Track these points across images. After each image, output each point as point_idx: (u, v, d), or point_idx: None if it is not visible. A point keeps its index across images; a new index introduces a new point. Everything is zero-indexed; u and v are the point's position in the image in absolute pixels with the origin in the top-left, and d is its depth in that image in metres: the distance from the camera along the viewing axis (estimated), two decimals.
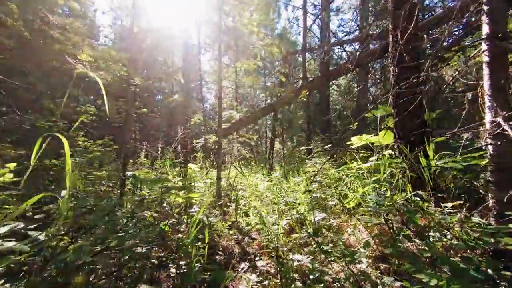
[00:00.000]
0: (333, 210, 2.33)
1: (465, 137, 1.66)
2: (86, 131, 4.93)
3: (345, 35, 8.37)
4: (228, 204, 4.02)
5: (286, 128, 15.72)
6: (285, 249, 1.89)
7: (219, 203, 3.99)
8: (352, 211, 1.89)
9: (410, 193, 1.60)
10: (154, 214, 2.85)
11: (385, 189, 1.80)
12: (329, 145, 4.91)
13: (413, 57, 1.92)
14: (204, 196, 4.35)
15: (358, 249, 1.84)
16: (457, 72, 2.01)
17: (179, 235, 2.21)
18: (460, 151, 1.69)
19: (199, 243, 2.00)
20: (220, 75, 4.44)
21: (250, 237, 2.68)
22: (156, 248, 2.00)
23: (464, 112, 1.59)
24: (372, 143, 2.92)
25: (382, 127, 2.47)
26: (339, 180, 2.56)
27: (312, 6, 9.31)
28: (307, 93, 6.17)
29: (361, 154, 2.69)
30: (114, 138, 6.07)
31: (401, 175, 1.75)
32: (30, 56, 3.45)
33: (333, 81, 16.13)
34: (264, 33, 5.03)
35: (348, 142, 2.48)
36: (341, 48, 8.06)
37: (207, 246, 1.61)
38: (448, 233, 1.16)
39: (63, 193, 1.06)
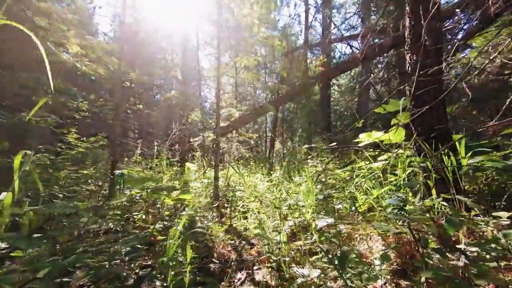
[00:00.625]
0: (340, 214, 2.09)
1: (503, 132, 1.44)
2: (79, 128, 4.69)
3: (349, 29, 8.11)
4: (226, 205, 3.78)
5: (286, 128, 15.52)
6: (287, 259, 1.65)
7: (216, 204, 3.76)
8: (363, 216, 1.66)
9: (434, 196, 1.37)
10: (144, 217, 2.62)
11: (403, 191, 1.57)
12: (332, 144, 4.69)
13: (434, 42, 1.69)
14: (201, 196, 4.12)
15: (371, 260, 1.60)
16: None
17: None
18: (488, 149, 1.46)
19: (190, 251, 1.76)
20: (219, 70, 4.21)
21: (248, 242, 2.44)
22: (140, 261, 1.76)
23: (508, 101, 1.35)
24: (381, 141, 2.69)
25: (392, 123, 2.23)
26: (347, 181, 2.33)
27: (314, 1, 9.09)
28: (317, 86, 5.94)
29: (369, 153, 2.45)
30: (109, 135, 5.84)
31: (422, 176, 1.52)
32: (12, 46, 3.22)
33: (334, 81, 15.92)
34: (265, 27, 4.79)
35: (356, 140, 2.25)
36: (345, 43, 7.81)
37: (188, 262, 1.37)
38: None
39: (2, 195, 0.82)
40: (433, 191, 1.40)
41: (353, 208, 1.68)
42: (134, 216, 2.16)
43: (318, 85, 5.52)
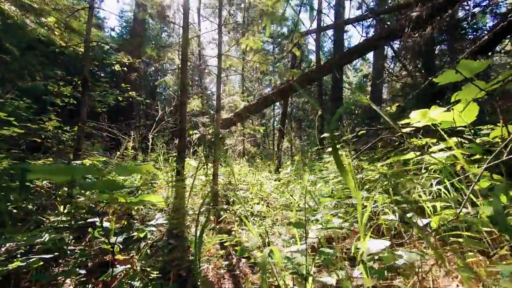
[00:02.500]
0: (387, 228, 1.44)
1: None
2: (60, 115, 4.15)
3: (364, 10, 7.32)
4: (225, 207, 3.18)
5: (294, 126, 14.80)
6: None
7: (213, 205, 3.15)
8: (443, 240, 1.01)
9: None
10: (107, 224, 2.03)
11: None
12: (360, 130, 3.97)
13: None
14: (196, 196, 3.52)
15: None
16: None
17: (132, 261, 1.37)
18: None
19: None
20: (220, 47, 3.59)
21: (249, 263, 1.81)
22: None
23: None
24: (434, 125, 2.01)
25: (453, 99, 1.56)
26: (397, 176, 1.66)
27: None
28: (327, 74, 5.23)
29: (418, 141, 1.77)
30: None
31: None
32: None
33: (345, 78, 15.10)
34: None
35: (403, 122, 1.58)
36: (358, 24, 7.04)
37: None
38: None
39: None
40: None
41: (418, 221, 1.03)
42: (96, 223, 1.55)
43: (332, 71, 4.80)
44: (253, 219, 2.76)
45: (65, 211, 1.48)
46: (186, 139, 4.96)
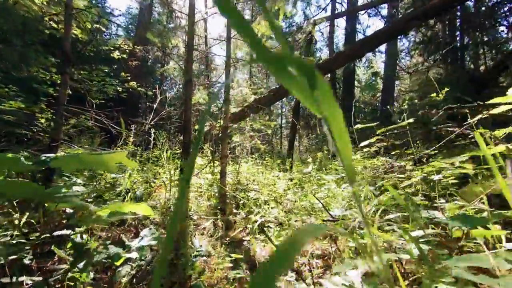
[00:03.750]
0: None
1: None
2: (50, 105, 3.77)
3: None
4: (235, 211, 2.77)
5: (303, 124, 14.31)
6: None
7: (221, 209, 2.75)
8: None
9: None
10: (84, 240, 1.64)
11: None
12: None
13: None
14: (202, 197, 3.11)
15: None
16: None
17: None
18: None
19: None
20: (229, 29, 3.17)
21: None
22: None
23: None
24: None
25: None
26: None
27: None
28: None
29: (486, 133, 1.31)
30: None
31: None
32: None
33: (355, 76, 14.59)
34: None
35: (493, 100, 1.13)
36: (374, 9, 6.49)
37: None
38: None
39: None
40: None
41: None
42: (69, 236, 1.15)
43: (351, 60, 4.31)
44: (269, 227, 2.34)
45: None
46: (191, 134, 4.56)
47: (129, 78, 4.08)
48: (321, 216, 2.26)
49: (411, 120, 1.68)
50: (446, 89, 2.15)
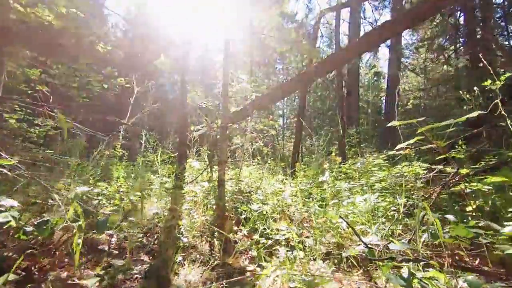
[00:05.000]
0: None
1: None
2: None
3: None
4: (235, 228, 2.30)
5: (305, 125, 13.86)
6: None
7: (219, 225, 2.28)
8: None
9: None
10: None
11: None
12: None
13: None
14: (199, 208, 2.64)
15: None
16: None
17: None
18: None
19: None
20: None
21: None
22: None
23: None
24: None
25: None
26: None
27: None
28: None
29: None
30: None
31: None
32: None
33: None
34: None
35: None
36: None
37: None
38: None
39: None
40: None
41: None
42: None
43: (367, 50, 3.81)
44: (278, 250, 1.88)
45: None
46: (187, 136, 4.10)
47: (115, 71, 3.63)
48: (345, 235, 1.79)
49: (478, 113, 1.22)
50: (505, 76, 1.68)
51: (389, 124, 1.61)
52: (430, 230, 1.04)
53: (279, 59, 14.01)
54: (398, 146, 1.59)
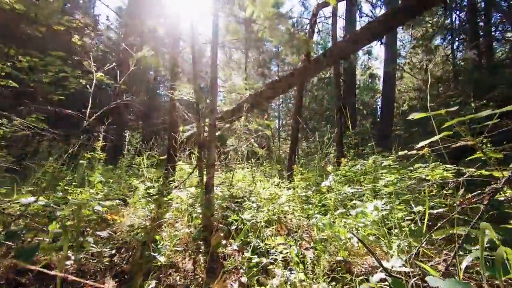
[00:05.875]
0: None
1: None
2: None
3: None
4: (224, 242, 1.97)
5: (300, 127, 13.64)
6: None
7: (205, 239, 1.95)
8: None
9: None
10: None
11: None
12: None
13: None
14: (184, 217, 2.30)
15: None
16: None
17: None
18: None
19: None
20: None
21: None
22: None
23: None
24: None
25: None
26: None
27: None
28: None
29: None
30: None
31: None
32: None
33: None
34: None
35: None
36: None
37: None
38: None
39: None
40: None
41: None
42: None
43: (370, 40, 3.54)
44: (274, 270, 1.56)
45: None
46: (177, 137, 3.78)
47: (94, 66, 3.29)
48: (353, 250, 1.49)
49: None
50: None
51: (410, 117, 1.33)
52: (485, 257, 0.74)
53: (274, 59, 13.76)
54: (421, 144, 1.30)
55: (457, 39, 7.18)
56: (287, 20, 3.03)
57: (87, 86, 3.35)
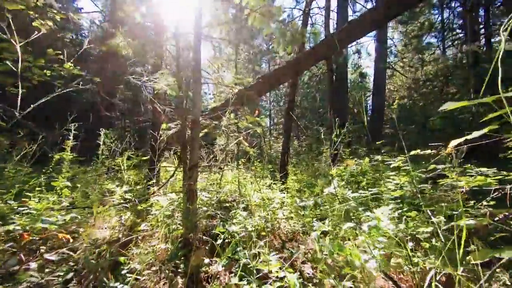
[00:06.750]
0: None
1: None
2: None
3: None
4: (207, 260, 1.64)
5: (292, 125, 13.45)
6: None
7: (185, 256, 1.62)
8: None
9: None
10: None
11: None
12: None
13: None
14: (161, 229, 1.96)
15: None
16: None
17: None
18: None
19: None
20: None
21: None
22: None
23: None
24: None
25: None
26: None
27: None
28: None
29: None
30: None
31: None
32: None
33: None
34: None
35: None
36: None
37: None
38: None
39: None
40: None
41: None
42: None
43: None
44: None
45: None
46: (160, 136, 3.41)
47: (60, 55, 2.88)
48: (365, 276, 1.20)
49: None
50: None
51: (442, 108, 1.04)
52: None
53: (265, 58, 13.41)
54: (454, 142, 1.02)
55: (449, 35, 7.10)
56: (279, 7, 2.72)
57: (55, 80, 2.93)
